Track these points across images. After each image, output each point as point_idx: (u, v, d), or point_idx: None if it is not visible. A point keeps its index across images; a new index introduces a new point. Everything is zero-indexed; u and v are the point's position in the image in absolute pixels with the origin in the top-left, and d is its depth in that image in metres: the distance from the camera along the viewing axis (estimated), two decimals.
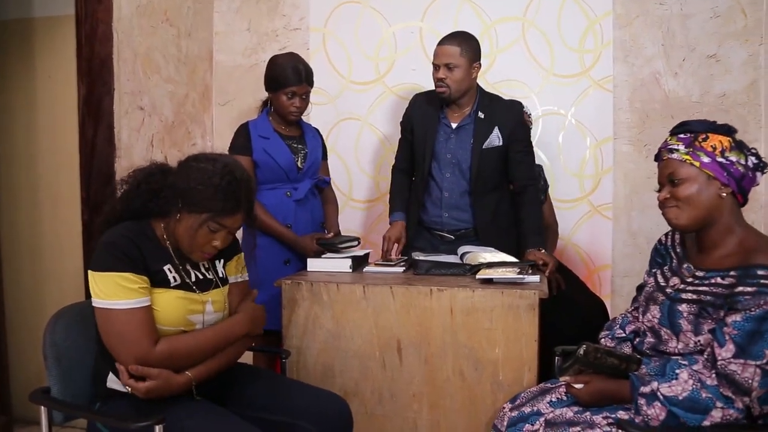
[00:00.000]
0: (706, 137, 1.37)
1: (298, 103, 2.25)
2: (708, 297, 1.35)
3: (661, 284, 1.52)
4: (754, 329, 1.24)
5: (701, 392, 1.27)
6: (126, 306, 1.35)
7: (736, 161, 1.35)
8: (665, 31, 2.70)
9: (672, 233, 1.59)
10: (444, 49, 2.18)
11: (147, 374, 1.34)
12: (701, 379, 1.28)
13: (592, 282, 2.75)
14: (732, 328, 1.26)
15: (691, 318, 1.37)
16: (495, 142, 2.23)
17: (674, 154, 1.39)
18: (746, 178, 1.37)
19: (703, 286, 1.38)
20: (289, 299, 1.90)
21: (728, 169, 1.35)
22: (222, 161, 1.45)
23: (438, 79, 2.19)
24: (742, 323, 1.25)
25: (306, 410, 1.50)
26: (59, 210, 2.65)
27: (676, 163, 1.38)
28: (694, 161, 1.36)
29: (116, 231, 1.41)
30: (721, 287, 1.33)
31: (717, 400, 1.25)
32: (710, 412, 1.25)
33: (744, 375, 1.24)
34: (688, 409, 1.26)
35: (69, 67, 2.50)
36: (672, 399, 1.28)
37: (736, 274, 1.31)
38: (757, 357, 1.23)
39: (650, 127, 2.73)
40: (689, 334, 1.37)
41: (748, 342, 1.24)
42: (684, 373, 1.30)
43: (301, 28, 3.07)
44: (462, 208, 2.28)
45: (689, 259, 1.48)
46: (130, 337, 1.34)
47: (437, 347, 1.79)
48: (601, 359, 1.41)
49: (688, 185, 1.37)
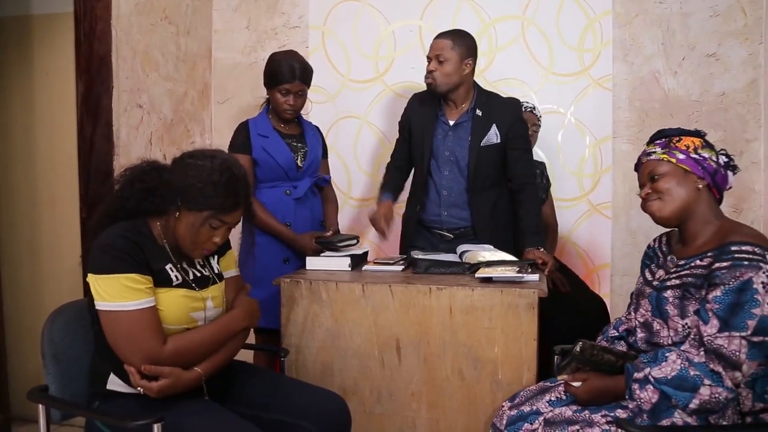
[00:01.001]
0: (679, 139, 1.51)
1: (291, 100, 2.25)
2: (690, 279, 1.42)
3: (649, 279, 1.58)
4: (734, 301, 1.30)
5: (689, 370, 1.30)
6: (134, 307, 1.34)
7: (708, 157, 1.48)
8: (665, 29, 2.70)
9: (659, 238, 1.67)
10: (436, 43, 2.23)
11: (159, 373, 1.34)
12: (689, 357, 1.32)
13: (591, 281, 2.75)
14: (713, 303, 1.33)
15: (677, 302, 1.42)
16: (493, 140, 2.23)
17: (652, 156, 1.53)
18: (719, 173, 1.48)
19: (684, 271, 1.44)
20: (288, 298, 1.89)
21: (702, 164, 1.47)
22: (219, 158, 1.45)
23: (428, 71, 2.23)
24: (722, 297, 1.32)
25: (305, 409, 1.50)
26: (57, 208, 2.65)
27: (654, 162, 1.52)
28: (670, 158, 1.49)
29: (114, 231, 1.39)
30: (701, 268, 1.41)
31: (705, 377, 1.29)
32: (698, 390, 1.29)
33: (731, 348, 1.28)
34: (677, 387, 1.30)
35: (67, 65, 2.50)
36: (662, 379, 1.32)
37: (713, 253, 1.39)
38: (741, 328, 1.28)
39: (649, 126, 2.73)
40: (676, 318, 1.42)
41: (730, 314, 1.30)
42: (673, 354, 1.35)
43: (300, 26, 3.06)
44: (461, 206, 2.27)
45: (673, 253, 1.56)
46: (139, 337, 1.34)
47: (436, 346, 1.79)
48: (597, 356, 1.43)
49: (668, 179, 1.48)
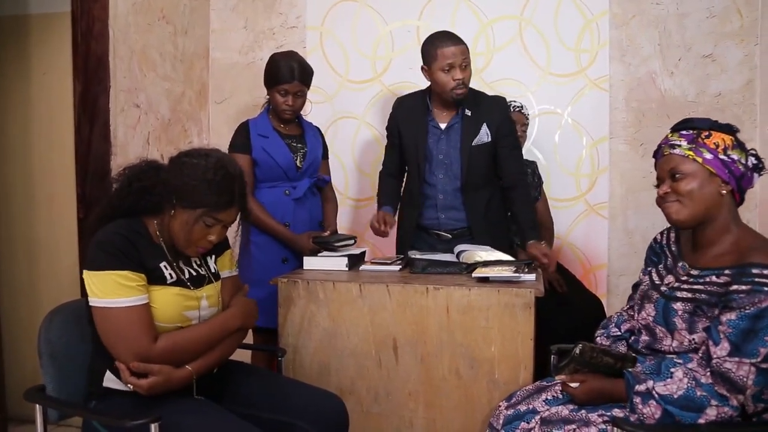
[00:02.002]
0: (709, 134, 1.38)
1: (290, 101, 2.25)
2: (703, 295, 1.35)
3: (656, 282, 1.52)
4: (749, 327, 1.24)
5: (696, 390, 1.27)
6: (125, 304, 1.34)
7: (737, 160, 1.36)
8: (661, 30, 2.71)
9: (667, 232, 1.59)
10: (460, 49, 2.14)
11: (148, 371, 1.34)
12: (696, 377, 1.29)
13: (588, 281, 2.75)
14: (727, 327, 1.27)
15: (686, 316, 1.37)
16: (484, 139, 2.22)
17: (676, 149, 1.39)
18: (745, 177, 1.38)
19: (698, 284, 1.38)
20: (286, 297, 1.89)
21: (730, 167, 1.35)
22: (214, 156, 1.45)
23: (457, 79, 2.13)
24: (737, 321, 1.26)
25: (302, 409, 1.50)
26: (54, 208, 2.64)
27: (678, 158, 1.38)
28: (696, 157, 1.36)
29: (109, 229, 1.41)
30: (716, 285, 1.34)
31: (712, 398, 1.26)
32: (705, 410, 1.26)
33: (739, 373, 1.24)
34: (683, 407, 1.27)
35: (65, 65, 2.49)
36: (667, 398, 1.29)
37: (731, 272, 1.31)
38: (752, 355, 1.23)
39: (646, 127, 2.74)
40: (684, 332, 1.38)
41: (743, 340, 1.25)
42: (679, 372, 1.31)
43: (297, 26, 3.06)
44: (457, 207, 2.28)
45: (684, 258, 1.49)
46: (130, 334, 1.34)
47: (433, 346, 1.79)
48: (596, 359, 1.41)
49: (690, 180, 1.36)
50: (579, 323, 2.20)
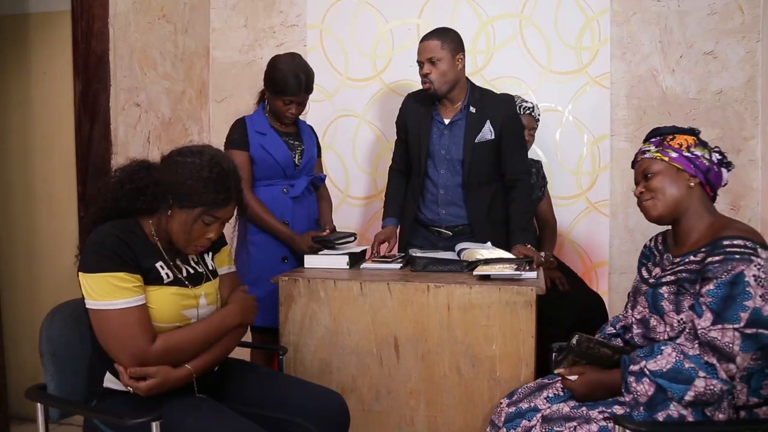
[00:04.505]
0: (673, 137, 1.53)
1: (294, 109, 2.24)
2: (684, 274, 1.43)
3: (645, 277, 1.60)
4: (727, 294, 1.32)
5: (684, 362, 1.32)
6: (121, 306, 1.34)
7: (701, 155, 1.49)
8: (662, 27, 2.70)
9: (656, 237, 1.69)
10: (425, 45, 2.18)
11: (146, 374, 1.34)
12: (683, 350, 1.34)
13: (589, 279, 2.75)
14: (707, 297, 1.34)
15: (672, 297, 1.44)
16: (487, 136, 2.22)
17: (646, 154, 1.55)
18: (712, 171, 1.49)
19: (679, 267, 1.46)
20: (286, 296, 1.89)
21: (694, 162, 1.49)
22: (207, 153, 1.44)
23: (423, 75, 2.19)
24: (715, 290, 1.34)
25: (303, 407, 1.50)
26: (55, 207, 2.64)
27: (648, 161, 1.54)
28: (663, 157, 1.51)
29: (104, 230, 1.39)
30: (695, 264, 1.42)
31: (699, 370, 1.30)
32: (693, 382, 1.30)
33: (724, 340, 1.30)
34: (672, 379, 1.32)
35: (65, 64, 2.50)
36: (657, 372, 1.34)
37: (706, 249, 1.42)
38: (734, 320, 1.30)
39: (647, 124, 2.73)
40: (672, 313, 1.43)
41: (723, 307, 1.32)
42: (668, 348, 1.36)
43: (298, 24, 3.06)
44: (458, 204, 2.27)
45: (669, 251, 1.58)
46: (127, 336, 1.34)
47: (434, 344, 1.79)
48: (593, 349, 1.45)
49: (660, 177, 1.51)
50: (580, 321, 2.20)
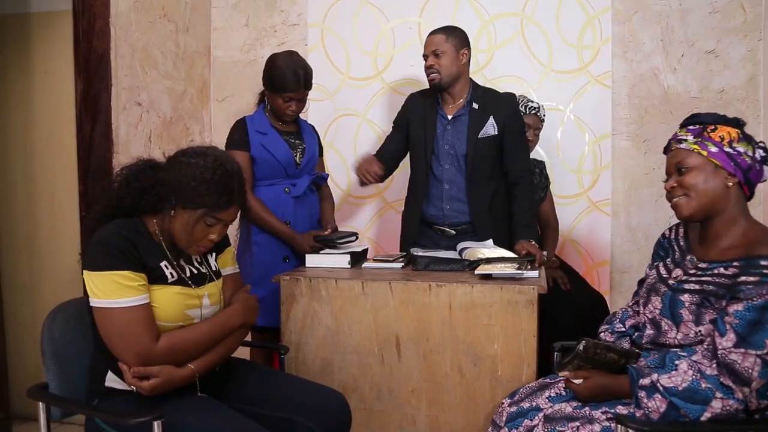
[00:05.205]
0: (714, 128, 1.39)
1: (294, 107, 2.25)
2: (711, 287, 1.35)
3: (664, 275, 1.52)
4: (756, 319, 1.25)
5: (701, 382, 1.27)
6: (126, 304, 1.34)
7: (743, 152, 1.37)
8: (664, 26, 2.70)
9: (676, 227, 1.60)
10: (430, 39, 2.27)
11: (149, 373, 1.34)
12: (701, 369, 1.28)
13: (591, 278, 2.75)
14: (733, 318, 1.27)
15: (693, 308, 1.37)
16: (490, 131, 2.24)
17: (683, 144, 1.41)
18: (753, 170, 1.38)
19: (705, 276, 1.38)
20: (288, 295, 1.89)
21: (735, 160, 1.36)
22: (212, 155, 1.44)
23: (428, 67, 2.25)
24: (744, 312, 1.26)
25: (305, 406, 1.50)
26: (56, 206, 2.65)
27: (683, 152, 1.40)
28: (701, 150, 1.38)
29: (109, 229, 1.40)
30: (724, 277, 1.34)
31: (717, 390, 1.25)
32: (710, 403, 1.26)
33: (744, 364, 1.24)
34: (688, 399, 1.27)
35: (66, 63, 2.50)
36: (672, 390, 1.29)
37: (739, 264, 1.32)
38: (758, 346, 1.24)
39: (649, 123, 2.73)
40: (690, 324, 1.37)
41: (749, 331, 1.25)
42: (683, 364, 1.31)
43: (299, 23, 3.06)
44: (462, 199, 2.28)
45: (692, 251, 1.49)
46: (131, 335, 1.34)
47: (436, 343, 1.79)
48: (600, 355, 1.41)
49: (695, 173, 1.38)
50: (582, 320, 2.20)
